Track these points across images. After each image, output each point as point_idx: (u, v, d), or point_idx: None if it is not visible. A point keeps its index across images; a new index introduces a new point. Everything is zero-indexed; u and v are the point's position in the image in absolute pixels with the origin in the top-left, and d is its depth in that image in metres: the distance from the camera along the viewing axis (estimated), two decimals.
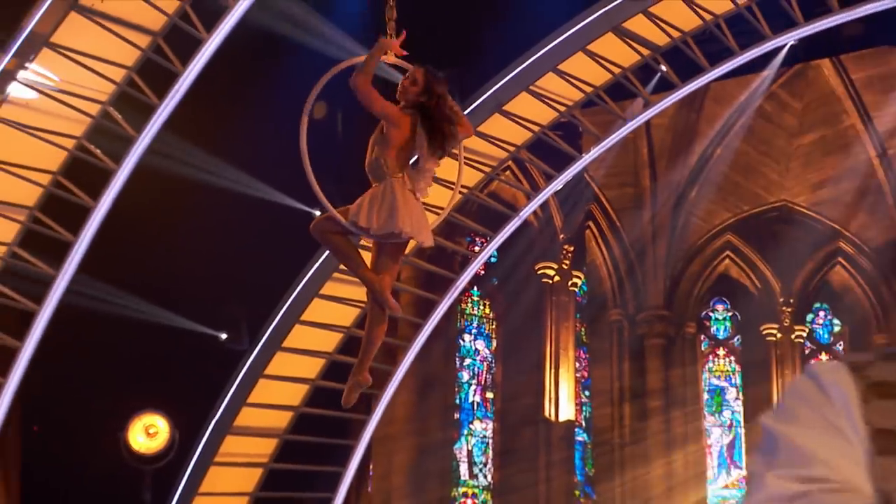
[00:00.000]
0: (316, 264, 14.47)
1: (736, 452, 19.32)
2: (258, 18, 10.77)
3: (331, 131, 15.41)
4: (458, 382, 18.38)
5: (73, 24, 10.28)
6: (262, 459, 14.93)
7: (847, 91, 18.38)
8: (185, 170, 11.88)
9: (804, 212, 19.21)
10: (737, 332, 19.85)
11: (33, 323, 11.41)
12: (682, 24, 12.82)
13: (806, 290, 19.52)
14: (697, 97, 17.62)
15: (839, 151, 18.69)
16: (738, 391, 19.59)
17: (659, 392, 19.02)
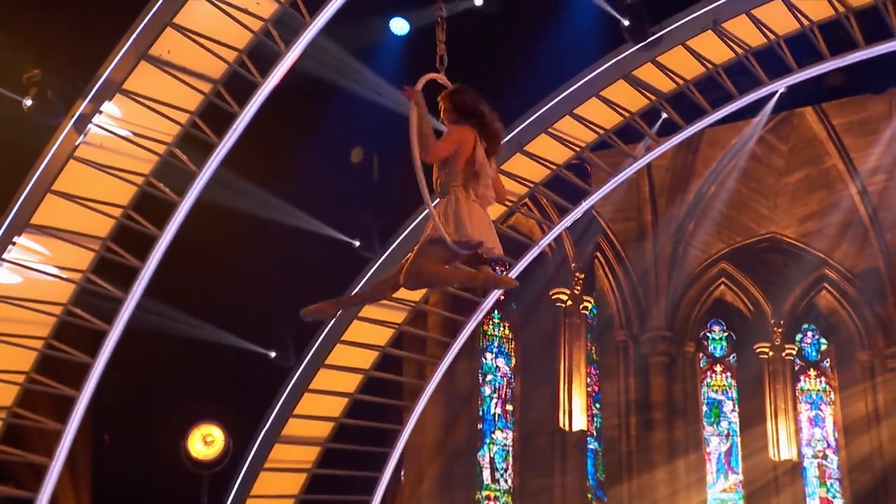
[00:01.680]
0: (356, 289, 14.31)
1: (733, 459, 18.90)
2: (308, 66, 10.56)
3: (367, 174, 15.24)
4: (481, 396, 18.19)
5: (143, 71, 10.08)
6: (306, 466, 14.74)
7: (829, 135, 18.22)
8: (241, 203, 11.66)
9: (792, 242, 18.95)
10: (732, 351, 19.48)
11: (104, 341, 11.21)
12: (685, 72, 12.57)
13: (795, 313, 19.18)
14: (694, 141, 17.48)
15: (822, 188, 18.51)
16: (734, 404, 19.19)
17: (662, 405, 18.71)
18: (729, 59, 12.30)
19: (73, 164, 10.52)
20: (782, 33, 11.93)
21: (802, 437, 18.58)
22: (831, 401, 18.63)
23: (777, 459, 18.26)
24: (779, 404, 18.52)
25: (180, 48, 9.97)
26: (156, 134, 10.66)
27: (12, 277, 10.81)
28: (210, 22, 9.92)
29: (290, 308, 14.14)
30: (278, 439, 14.09)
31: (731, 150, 18.16)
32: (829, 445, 18.48)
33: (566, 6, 11.47)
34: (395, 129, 13.06)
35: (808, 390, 18.82)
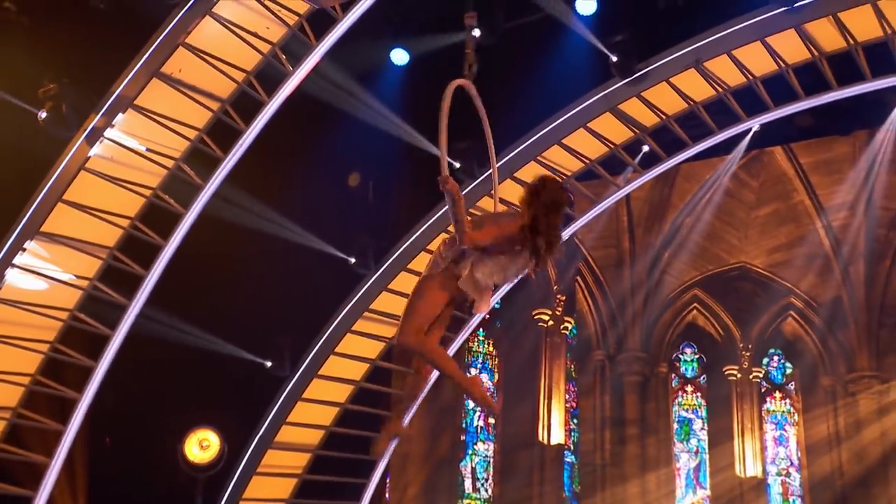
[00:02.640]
0: (350, 304, 14.14)
1: (701, 475, 18.65)
2: (312, 88, 10.32)
3: (364, 196, 15.02)
4: (464, 409, 17.92)
5: (154, 88, 9.81)
6: (297, 471, 14.46)
7: (797, 173, 18.18)
8: (243, 217, 11.38)
9: (760, 272, 18.83)
10: (703, 372, 19.29)
11: (107, 346, 10.87)
12: (668, 107, 12.41)
13: (762, 338, 19.03)
14: (670, 175, 17.41)
15: (790, 223, 18.44)
16: (703, 422, 18.96)
17: (635, 421, 18.51)
18: (709, 97, 12.14)
19: (84, 175, 10.22)
20: (760, 74, 11.80)
21: (767, 455, 18.38)
22: (795, 422, 18.45)
23: (743, 476, 18.06)
24: (745, 424, 18.33)
25: (191, 67, 9.72)
26: (164, 149, 10.38)
27: (22, 282, 10.49)
28: (220, 43, 9.68)
29: (286, 319, 14.00)
30: (271, 445, 13.84)
31: (705, 185, 18.06)
32: (793, 464, 18.28)
33: (559, 41, 11.29)
34: (391, 154, 12.91)
35: (774, 411, 18.65)
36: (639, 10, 10.83)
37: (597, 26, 11.09)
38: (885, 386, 17.19)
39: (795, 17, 10.75)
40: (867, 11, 10.62)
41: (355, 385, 14.41)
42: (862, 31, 11.04)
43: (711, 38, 11.20)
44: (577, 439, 18.72)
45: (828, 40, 11.28)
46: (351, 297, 13.99)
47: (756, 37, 11.08)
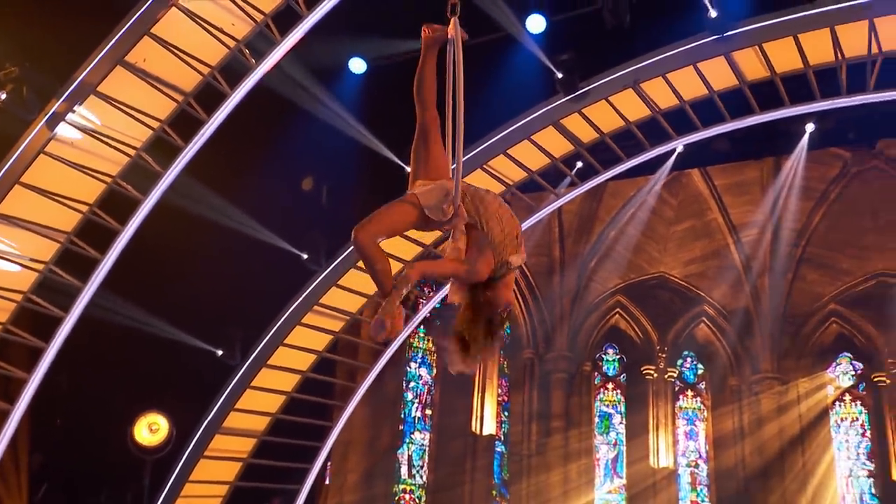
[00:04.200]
0: (300, 298, 13.56)
1: (618, 465, 18.44)
2: (276, 84, 9.70)
3: (317, 201, 14.45)
4: (403, 400, 17.40)
5: (118, 76, 9.05)
6: (242, 455, 13.80)
7: (711, 193, 18.23)
8: (201, 209, 10.66)
9: (677, 282, 18.79)
10: (623, 371, 19.10)
11: (58, 329, 10.02)
12: (605, 124, 12.19)
13: (677, 341, 18.96)
14: (598, 191, 17.25)
15: (704, 238, 18.46)
16: (622, 417, 18.77)
17: (560, 415, 18.20)
18: (643, 116, 11.97)
19: (43, 158, 9.42)
20: (689, 97, 11.67)
21: (679, 448, 18.31)
22: (704, 418, 18.43)
23: (656, 467, 17.95)
24: (660, 419, 18.25)
25: (156, 57, 9.00)
26: (125, 136, 9.63)
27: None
28: (186, 35, 9.00)
29: (239, 310, 13.30)
30: (219, 430, 13.21)
31: (629, 201, 18.03)
32: (701, 456, 18.25)
33: (509, 57, 10.93)
34: (347, 155, 12.37)
35: (686, 408, 18.61)
36: (585, 31, 10.55)
37: (545, 44, 10.78)
38: (784, 387, 17.31)
39: (725, 46, 10.64)
40: (789, 43, 10.57)
41: (302, 375, 13.92)
42: (782, 63, 11.00)
43: (649, 62, 11.01)
44: (507, 430, 18.37)
45: (752, 69, 11.21)
46: (302, 292, 13.46)
47: (689, 62, 10.93)
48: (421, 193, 3.34)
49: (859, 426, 17.20)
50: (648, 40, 10.77)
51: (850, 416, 17.29)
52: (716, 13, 10.03)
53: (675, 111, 11.86)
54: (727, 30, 10.30)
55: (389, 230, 3.28)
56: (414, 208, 3.30)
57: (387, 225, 3.26)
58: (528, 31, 10.57)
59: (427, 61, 3.58)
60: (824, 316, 17.65)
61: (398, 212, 3.29)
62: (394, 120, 11.92)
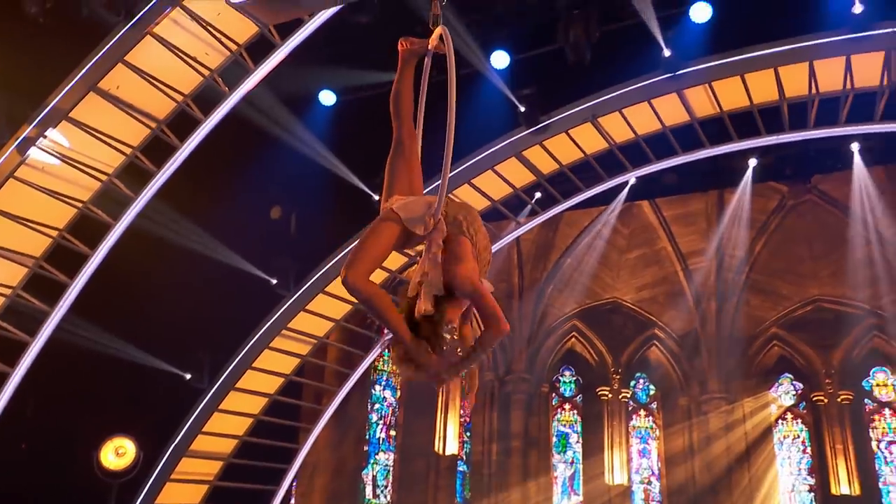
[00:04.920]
0: (269, 322, 13.19)
1: (575, 483, 18.19)
2: (248, 112, 9.40)
3: (286, 228, 14.13)
4: (368, 422, 16.94)
5: (91, 103, 8.67)
6: (208, 478, 13.23)
7: (660, 223, 18.32)
8: (171, 233, 10.25)
9: (630, 306, 18.78)
10: (579, 392, 18.95)
11: (24, 353, 9.46)
12: (564, 157, 12.15)
13: (630, 363, 18.89)
14: (555, 221, 17.20)
15: (655, 265, 18.51)
16: (578, 436, 18.56)
17: (519, 435, 17.96)
18: (601, 149, 11.98)
19: (12, 183, 8.95)
20: (643, 132, 11.71)
21: (633, 465, 18.16)
22: (656, 436, 18.33)
23: (611, 484, 17.76)
24: (615, 438, 18.10)
25: (130, 85, 8.64)
26: (96, 162, 9.21)
27: None
28: (160, 63, 8.68)
29: (208, 335, 12.84)
30: (186, 453, 12.66)
31: (584, 230, 18.05)
32: (654, 473, 18.12)
33: (474, 91, 10.84)
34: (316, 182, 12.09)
35: (639, 427, 18.49)
36: (547, 67, 10.51)
37: (509, 79, 10.72)
38: (731, 406, 17.34)
39: (677, 84, 10.71)
40: (736, 82, 10.69)
41: (269, 398, 13.48)
42: (730, 100, 11.12)
43: (606, 97, 11.03)
44: (469, 450, 18.04)
45: (701, 106, 11.31)
46: (270, 316, 13.11)
47: (644, 98, 10.98)
48: (399, 207, 3.12)
49: (800, 443, 17.28)
50: (606, 77, 10.78)
51: (791, 434, 17.37)
52: (669, 53, 10.10)
53: (630, 144, 11.90)
54: (679, 69, 10.37)
55: (377, 260, 3.04)
56: (395, 225, 3.07)
57: (373, 256, 3.02)
58: (493, 67, 10.50)
59: (404, 75, 3.39)
60: (767, 339, 17.79)
61: (381, 235, 3.06)
62: (362, 150, 11.77)
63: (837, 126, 10.93)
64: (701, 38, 9.77)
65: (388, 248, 3.08)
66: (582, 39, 9.07)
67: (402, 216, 3.04)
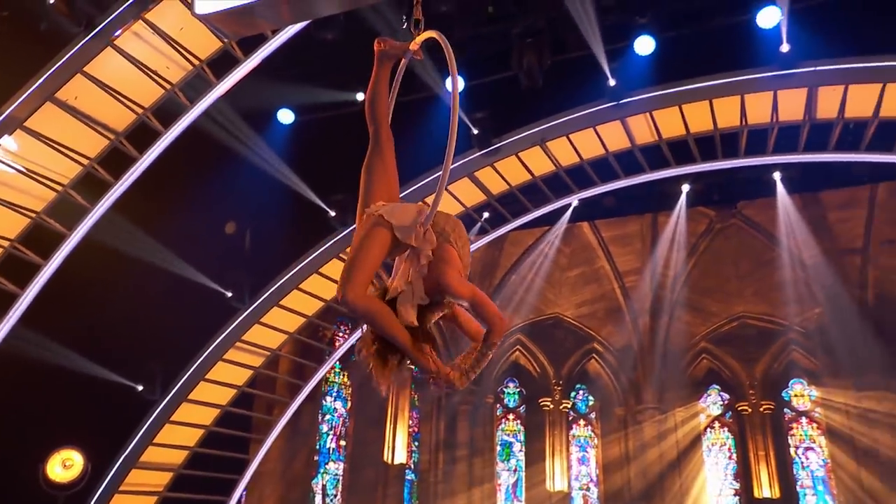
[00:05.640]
0: (223, 334, 12.71)
1: (518, 490, 18.02)
2: (207, 126, 9.02)
3: (240, 245, 13.70)
4: (319, 432, 16.44)
5: (48, 113, 8.17)
6: (158, 489, 12.59)
7: (599, 243, 18.46)
8: (127, 245, 9.74)
9: (570, 321, 18.83)
10: (522, 403, 18.85)
11: None
12: (513, 178, 12.12)
13: (570, 375, 18.90)
14: (500, 240, 17.16)
15: (594, 283, 18.63)
16: (521, 445, 18.43)
17: (465, 444, 17.74)
18: (548, 171, 11.99)
19: None
20: (588, 157, 11.78)
21: (572, 472, 18.11)
22: (595, 445, 18.34)
23: (552, 490, 17.67)
24: (555, 447, 18.04)
25: (88, 95, 8.19)
26: (52, 173, 8.69)
27: None
28: (121, 75, 8.26)
29: (162, 346, 12.28)
30: (136, 465, 12.03)
31: (528, 249, 18.08)
32: (592, 480, 18.10)
33: (429, 111, 10.71)
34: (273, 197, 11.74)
35: (578, 436, 18.48)
36: (500, 93, 10.48)
37: (464, 103, 10.63)
38: (664, 416, 17.50)
39: (621, 112, 10.81)
40: (675, 112, 10.85)
41: (221, 409, 12.98)
42: (668, 129, 11.29)
43: (555, 123, 11.05)
44: (417, 459, 17.71)
45: (642, 133, 11.44)
46: (224, 328, 12.64)
47: (589, 125, 11.04)
48: (388, 214, 2.91)
49: (727, 450, 17.54)
50: (555, 104, 10.82)
51: (719, 441, 17.63)
52: (614, 82, 10.18)
53: (575, 168, 11.95)
54: (623, 98, 10.47)
55: (372, 271, 2.83)
56: (386, 232, 2.87)
57: (368, 267, 2.80)
58: (448, 91, 10.40)
59: (381, 77, 3.19)
60: (697, 352, 18.07)
61: (374, 245, 2.85)
62: (319, 166, 11.48)
63: (765, 155, 11.19)
64: (644, 69, 9.88)
65: (381, 258, 2.88)
66: (535, 66, 9.05)
67: (394, 224, 2.83)
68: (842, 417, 16.43)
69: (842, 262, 16.25)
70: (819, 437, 16.85)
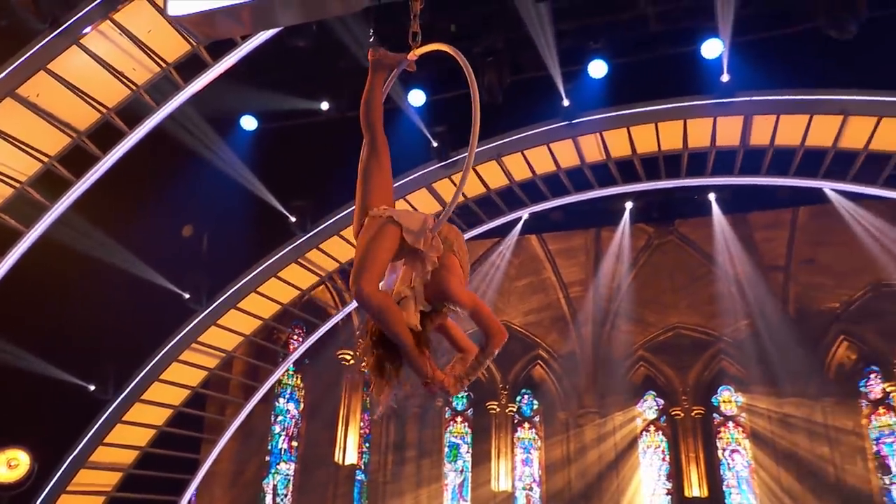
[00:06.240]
0: (179, 335, 12.30)
1: (464, 489, 17.96)
2: (171, 129, 8.72)
3: (197, 248, 13.31)
4: (271, 433, 16.04)
5: (7, 108, 7.76)
6: (107, 489, 12.07)
7: (546, 255, 18.66)
8: (86, 245, 9.32)
9: (517, 329, 18.89)
10: (470, 406, 18.83)
11: None
12: (469, 191, 12.12)
13: (516, 380, 18.99)
14: None
15: (540, 292, 18.80)
16: (468, 447, 18.39)
17: (414, 445, 17.65)
18: (502, 185, 12.04)
19: None
20: (541, 172, 11.88)
21: (516, 473, 18.16)
22: (538, 447, 18.44)
23: (497, 490, 17.68)
24: (501, 448, 18.07)
25: (52, 93, 7.81)
26: (10, 170, 8.26)
27: None
28: (85, 74, 7.91)
29: (117, 346, 11.80)
30: (85, 465, 11.49)
31: (479, 259, 18.09)
32: (535, 480, 18.19)
33: (392, 125, 10.62)
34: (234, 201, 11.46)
35: (523, 438, 18.55)
36: (459, 107, 10.47)
37: (424, 116, 10.60)
38: (603, 420, 17.74)
39: (573, 131, 10.95)
40: (622, 133, 11.05)
41: (175, 409, 12.54)
42: (617, 149, 11.49)
43: (510, 139, 11.11)
44: (368, 460, 17.48)
45: (591, 152, 11.62)
46: (181, 330, 12.23)
47: (543, 142, 11.15)
48: (397, 215, 2.84)
49: (661, 452, 17.89)
50: (512, 121, 10.88)
51: (653, 444, 17.97)
52: (568, 103, 10.30)
53: (528, 183, 12.04)
54: (576, 118, 10.61)
55: (384, 265, 2.75)
56: (396, 232, 2.81)
57: (380, 261, 2.73)
58: (410, 104, 10.36)
59: (375, 85, 3.15)
60: (635, 360, 18.40)
61: (385, 241, 2.78)
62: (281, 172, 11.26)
63: (705, 177, 11.50)
64: (596, 92, 10.04)
65: (391, 255, 2.81)
66: (495, 84, 9.09)
67: (404, 227, 2.77)
68: (764, 422, 16.97)
69: (767, 278, 16.84)
70: (744, 440, 17.35)
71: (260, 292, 12.68)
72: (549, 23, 8.47)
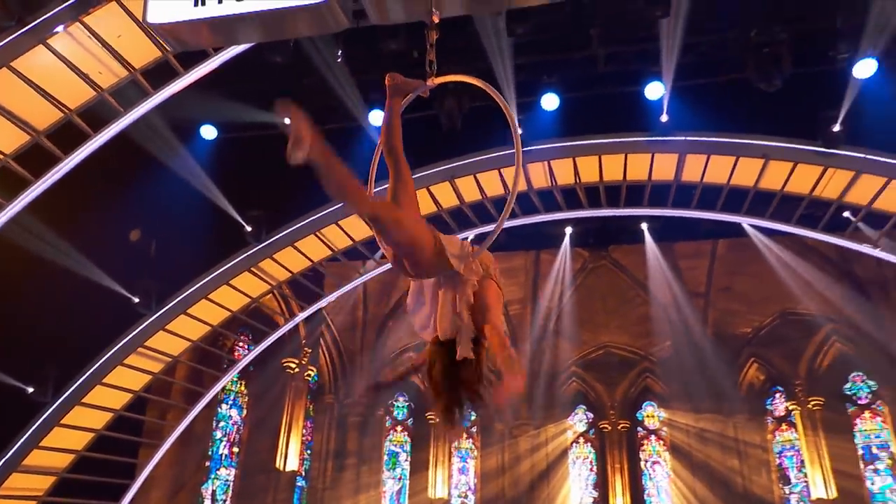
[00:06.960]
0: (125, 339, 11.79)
1: (402, 497, 17.74)
2: (132, 133, 8.39)
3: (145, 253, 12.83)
4: (212, 439, 15.50)
5: None
6: (38, 493, 11.41)
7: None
8: (36, 245, 8.82)
9: None
10: (410, 416, 18.61)
11: None
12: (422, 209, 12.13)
13: None
14: None
15: None
16: (407, 455, 18.18)
17: (354, 453, 17.30)
18: (453, 205, 12.12)
19: None
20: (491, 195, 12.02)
21: (453, 481, 18.08)
22: (475, 456, 18.40)
23: (434, 497, 17.55)
24: (439, 457, 17.96)
25: (13, 91, 7.41)
26: None
27: None
28: (48, 73, 7.54)
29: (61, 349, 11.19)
30: (17, 468, 10.79)
31: None
32: (470, 488, 18.14)
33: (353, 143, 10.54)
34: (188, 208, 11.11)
35: (460, 448, 18.51)
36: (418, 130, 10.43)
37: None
38: (537, 431, 17.89)
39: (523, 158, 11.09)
40: (568, 163, 11.33)
41: (115, 413, 11.96)
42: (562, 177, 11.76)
43: (464, 162, 11.24)
44: (308, 467, 17.07)
45: (538, 179, 11.85)
46: (127, 333, 11.73)
47: (495, 167, 11.30)
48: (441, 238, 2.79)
49: (589, 463, 18.20)
50: (467, 145, 11.00)
51: (582, 455, 18.26)
52: (521, 131, 10.48)
53: (477, 204, 12.16)
54: (526, 146, 10.81)
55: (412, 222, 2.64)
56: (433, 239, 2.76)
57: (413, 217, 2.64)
58: (371, 123, 10.33)
59: (395, 110, 3.13)
60: (568, 375, 18.70)
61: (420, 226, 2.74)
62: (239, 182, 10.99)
63: (641, 207, 11.90)
64: (547, 123, 10.28)
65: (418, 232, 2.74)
66: (455, 110, 9.18)
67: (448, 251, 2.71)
68: (683, 435, 17.54)
69: (689, 303, 17.51)
70: (664, 452, 17.87)
71: (210, 299, 12.31)
72: (509, 56, 8.65)
